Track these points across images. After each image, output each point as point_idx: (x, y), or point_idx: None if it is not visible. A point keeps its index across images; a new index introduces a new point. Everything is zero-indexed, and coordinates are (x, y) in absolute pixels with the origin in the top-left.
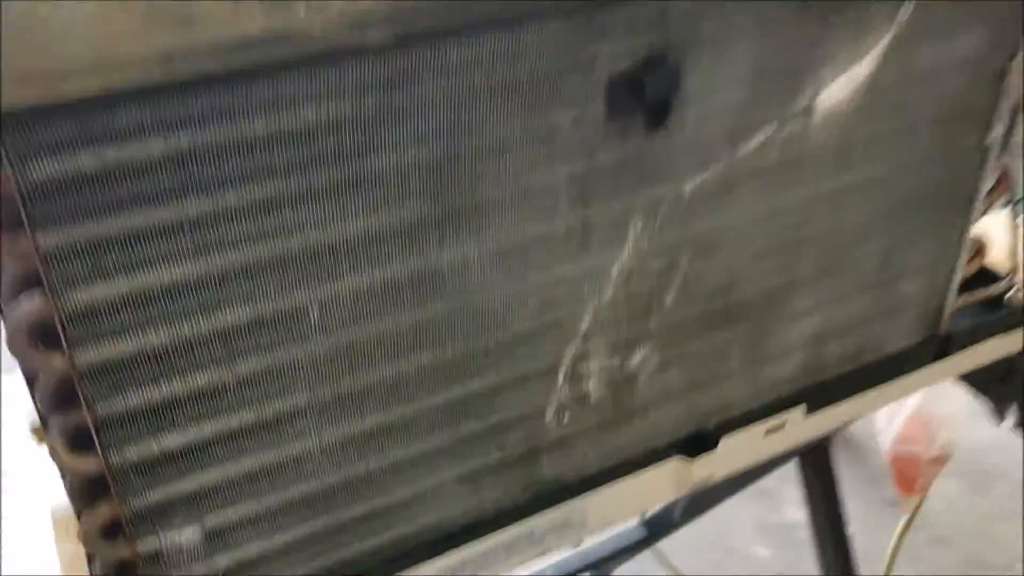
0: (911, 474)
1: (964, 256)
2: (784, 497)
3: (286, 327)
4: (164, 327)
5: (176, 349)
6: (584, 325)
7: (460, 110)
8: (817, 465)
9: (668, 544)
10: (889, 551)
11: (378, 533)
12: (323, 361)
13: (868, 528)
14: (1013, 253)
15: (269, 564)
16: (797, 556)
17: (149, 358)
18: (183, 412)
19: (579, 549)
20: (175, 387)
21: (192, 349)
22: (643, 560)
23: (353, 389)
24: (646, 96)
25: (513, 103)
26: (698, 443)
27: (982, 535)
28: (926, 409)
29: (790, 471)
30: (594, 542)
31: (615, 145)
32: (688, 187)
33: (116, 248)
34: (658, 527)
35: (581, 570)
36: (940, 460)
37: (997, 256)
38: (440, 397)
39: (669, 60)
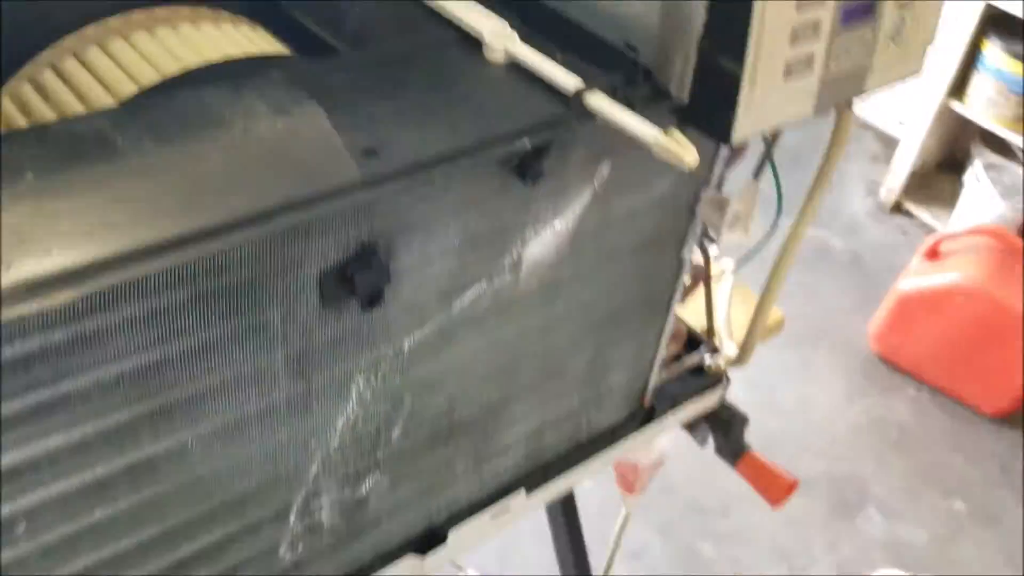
0: (631, 478)
1: (664, 346)
2: None
3: None
4: None
5: None
6: (312, 471)
7: (164, 323)
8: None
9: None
10: (612, 540)
11: None
12: (34, 561)
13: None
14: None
15: None
16: None
17: None
18: None
19: None
20: None
21: None
22: None
23: (75, 571)
24: (357, 290)
25: (220, 308)
26: (429, 539)
27: (702, 483)
28: None
29: None
30: None
31: (331, 325)
32: (407, 344)
33: None
34: None
35: None
36: (656, 464)
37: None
38: (168, 557)
39: (379, 251)
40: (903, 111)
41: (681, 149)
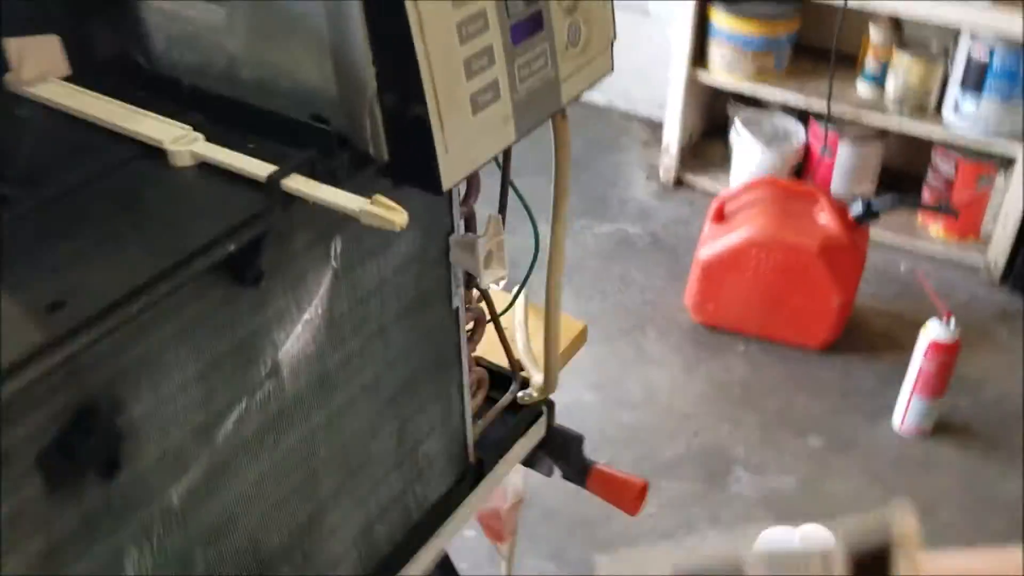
0: (497, 526)
1: (469, 398)
2: None
3: None
4: None
5: None
6: None
7: None
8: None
9: None
10: None
11: None
12: None
13: None
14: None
15: None
16: None
17: None
18: None
19: None
20: None
21: None
22: None
23: None
24: (82, 460)
25: None
26: None
27: (578, 498)
28: None
29: None
30: None
31: (72, 508)
32: (175, 497)
33: None
34: None
35: None
36: (516, 505)
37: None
38: None
39: (100, 411)
40: (661, 94)
41: (389, 213)
